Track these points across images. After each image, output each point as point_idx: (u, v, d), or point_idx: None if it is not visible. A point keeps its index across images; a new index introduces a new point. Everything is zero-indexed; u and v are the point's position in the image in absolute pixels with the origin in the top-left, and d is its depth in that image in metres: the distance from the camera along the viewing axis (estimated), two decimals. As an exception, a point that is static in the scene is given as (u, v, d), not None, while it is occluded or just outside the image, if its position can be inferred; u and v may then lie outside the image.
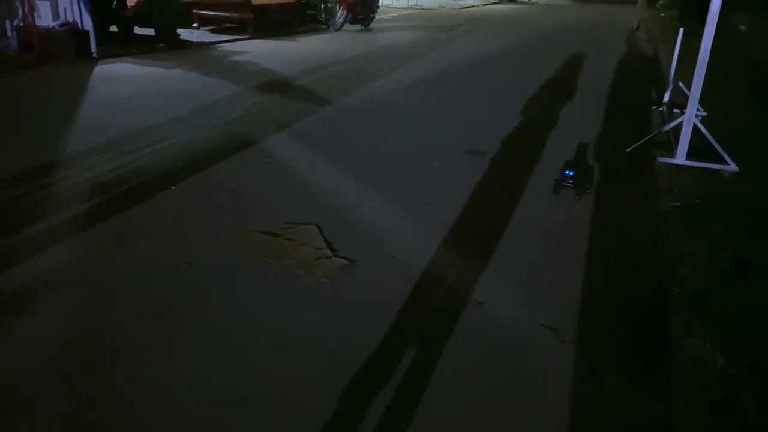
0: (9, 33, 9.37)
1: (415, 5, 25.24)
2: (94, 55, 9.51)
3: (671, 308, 3.06)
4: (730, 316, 3.00)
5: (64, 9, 9.47)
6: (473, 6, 27.58)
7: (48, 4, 9.42)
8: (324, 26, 15.54)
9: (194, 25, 13.23)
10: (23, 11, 9.31)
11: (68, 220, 3.87)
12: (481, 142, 5.87)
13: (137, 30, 11.43)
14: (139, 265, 3.34)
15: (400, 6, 24.13)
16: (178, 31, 11.61)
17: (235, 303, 3.02)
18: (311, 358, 2.63)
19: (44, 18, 9.36)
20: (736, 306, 3.08)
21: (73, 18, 9.46)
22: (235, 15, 13.61)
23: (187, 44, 11.57)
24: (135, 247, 3.54)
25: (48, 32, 9.12)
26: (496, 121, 6.79)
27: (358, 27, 15.58)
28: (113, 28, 11.22)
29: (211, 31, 13.55)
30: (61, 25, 9.30)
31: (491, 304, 3.08)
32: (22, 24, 9.29)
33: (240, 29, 13.41)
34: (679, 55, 7.05)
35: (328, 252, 3.54)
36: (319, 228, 3.82)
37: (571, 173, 4.71)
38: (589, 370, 2.60)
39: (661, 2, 23.17)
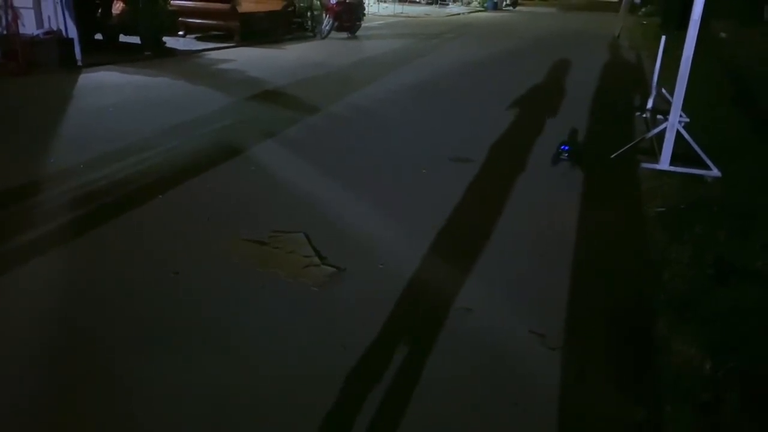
0: (-8, 41, 9.28)
1: (401, 13, 25.34)
2: (79, 63, 9.43)
3: (657, 313, 3.09)
4: (716, 320, 3.02)
5: (48, 17, 9.39)
6: (459, 14, 27.78)
7: (32, 12, 9.33)
8: (310, 34, 15.56)
9: (180, 32, 13.18)
10: (6, 19, 9.22)
11: (53, 231, 3.83)
12: (467, 149, 5.90)
13: (123, 38, 11.37)
14: (125, 275, 3.31)
15: (386, 14, 24.21)
16: (164, 38, 11.55)
17: (222, 312, 3.01)
18: (299, 366, 2.62)
19: (28, 26, 9.26)
20: (721, 310, 3.11)
21: (58, 26, 9.38)
22: (221, 23, 13.56)
23: (173, 52, 11.52)
24: (121, 257, 3.52)
25: (32, 40, 9.04)
26: (482, 129, 6.84)
27: (344, 35, 15.61)
28: (98, 36, 11.16)
29: (197, 38, 13.51)
30: (46, 33, 9.22)
31: (479, 310, 3.10)
32: (5, 32, 9.20)
33: (226, 37, 13.38)
34: (661, 62, 7.15)
35: (316, 260, 3.53)
36: (306, 236, 3.82)
37: (567, 147, 5.61)
38: (577, 376, 2.62)
39: (642, 10, 23.48)
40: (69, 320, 2.90)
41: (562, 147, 5.62)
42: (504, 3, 32.88)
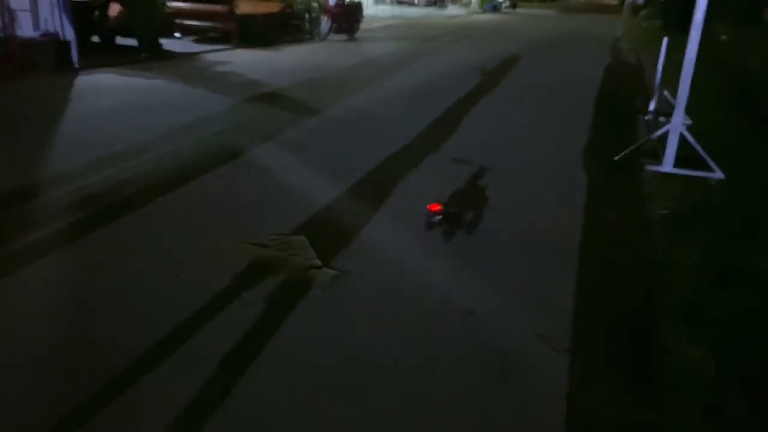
0: (-13, 43, 9.22)
1: (400, 15, 25.35)
2: (76, 65, 9.38)
3: (661, 316, 3.05)
4: (720, 322, 3.00)
5: (45, 19, 9.32)
6: (458, 16, 27.80)
7: (29, 14, 9.27)
8: (309, 36, 15.53)
9: (177, 34, 13.13)
10: (3, 21, 9.16)
11: (53, 234, 3.77)
12: (467, 150, 5.86)
13: (119, 40, 11.32)
14: (125, 277, 3.25)
15: (384, 16, 24.22)
16: (161, 41, 11.51)
17: (223, 315, 2.95)
18: (302, 369, 2.57)
19: (25, 28, 9.20)
20: (725, 313, 3.08)
21: (55, 28, 9.32)
22: (218, 25, 13.53)
23: (170, 54, 11.47)
24: (121, 259, 3.46)
25: (29, 43, 8.98)
26: (482, 130, 6.81)
27: (343, 37, 15.60)
28: (95, 39, 11.10)
29: (195, 41, 13.47)
30: (42, 35, 9.17)
31: (483, 313, 3.05)
32: (1, 34, 9.14)
33: (224, 39, 13.33)
34: (663, 64, 7.12)
35: (318, 262, 3.48)
36: (308, 239, 3.76)
37: (439, 212, 4.10)
38: (582, 379, 2.57)
39: (643, 12, 23.51)
40: (68, 321, 2.84)
41: (434, 212, 4.10)
42: (503, 5, 32.93)
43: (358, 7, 16.44)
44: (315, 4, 15.97)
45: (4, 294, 3.08)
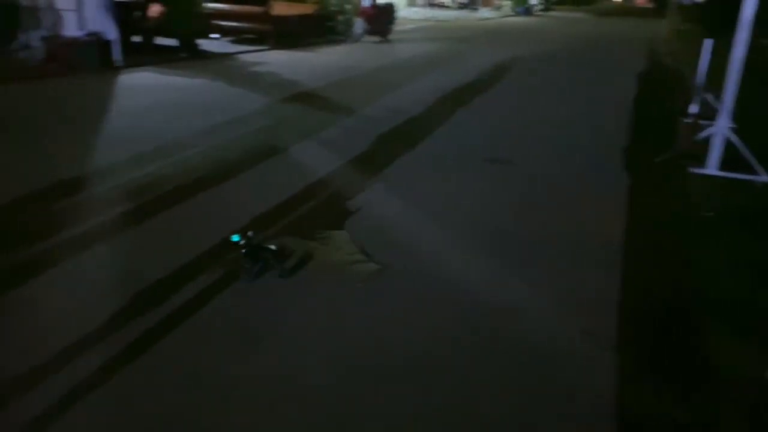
0: (35, 43, 9.50)
1: (432, 17, 25.35)
2: (118, 64, 9.60)
3: (708, 315, 3.03)
4: (765, 323, 2.99)
5: (90, 19, 9.57)
6: (490, 18, 27.68)
7: (74, 14, 9.53)
8: (342, 38, 15.63)
9: (214, 35, 13.34)
10: (50, 22, 9.45)
11: (97, 227, 3.87)
12: (505, 151, 5.85)
13: (159, 40, 11.55)
14: (167, 270, 3.31)
15: (416, 18, 24.24)
16: (199, 41, 11.71)
17: (267, 306, 3.00)
18: (340, 361, 2.59)
19: (70, 28, 9.47)
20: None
21: (98, 28, 9.56)
22: (255, 26, 13.71)
23: (207, 54, 11.67)
24: (164, 252, 3.52)
25: (74, 42, 9.23)
26: (515, 130, 6.78)
27: (376, 38, 15.66)
28: (136, 39, 11.34)
29: (231, 41, 13.67)
30: (87, 34, 9.41)
31: (527, 310, 3.04)
32: (48, 34, 9.42)
33: (259, 40, 13.50)
34: (705, 67, 6.99)
35: (361, 257, 3.51)
36: (349, 234, 3.80)
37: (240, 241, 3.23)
38: (629, 377, 2.55)
39: (683, 15, 23.09)
40: (116, 306, 2.91)
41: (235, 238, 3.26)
42: (536, 8, 32.67)
43: (391, 9, 16.50)
44: (349, 6, 16.09)
45: (53, 281, 3.18)
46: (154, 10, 11.19)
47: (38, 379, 2.40)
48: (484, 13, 30.67)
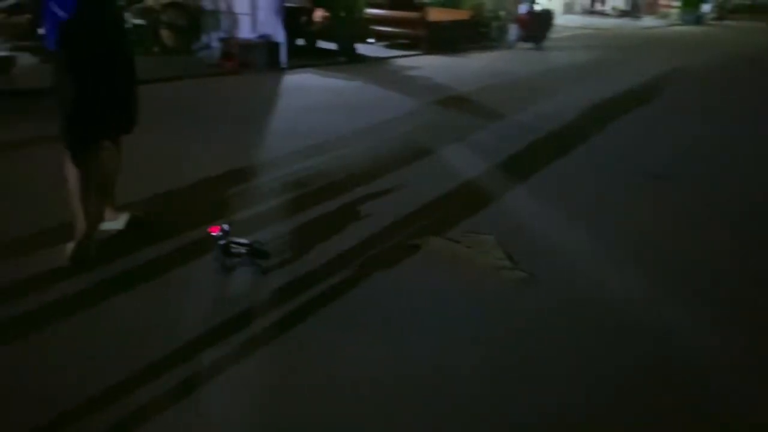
0: (214, 43, 10.48)
1: (590, 25, 24.34)
2: (283, 65, 10.29)
3: None
4: None
5: (262, 23, 10.37)
6: (654, 27, 26.02)
7: (249, 18, 10.37)
8: (495, 44, 15.51)
9: (370, 40, 13.84)
10: (227, 24, 10.39)
11: (268, 210, 4.19)
12: (671, 166, 5.49)
13: (320, 44, 12.21)
14: (324, 257, 3.48)
15: (573, 26, 23.40)
16: (356, 45, 12.22)
17: (409, 303, 3.06)
18: (484, 358, 2.59)
19: (244, 31, 10.32)
20: None
21: (268, 31, 10.32)
22: (409, 31, 14.02)
23: (364, 58, 12.12)
24: (322, 239, 3.71)
25: (247, 43, 10.04)
26: (680, 141, 6.32)
27: (529, 45, 15.36)
28: (299, 41, 12.08)
29: (385, 46, 14.09)
30: (258, 37, 10.19)
31: (681, 329, 2.85)
32: (225, 36, 10.35)
33: (413, 45, 13.78)
34: None
35: (508, 263, 3.48)
36: (498, 239, 3.77)
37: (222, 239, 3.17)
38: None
39: None
40: (269, 287, 3.13)
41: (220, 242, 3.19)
42: (707, 16, 30.13)
43: (549, 16, 16.09)
44: (502, 13, 15.94)
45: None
46: (319, 15, 11.87)
47: (207, 343, 2.66)
48: (648, 21, 28.87)
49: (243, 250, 3.19)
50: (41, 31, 8.81)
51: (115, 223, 3.67)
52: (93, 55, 3.22)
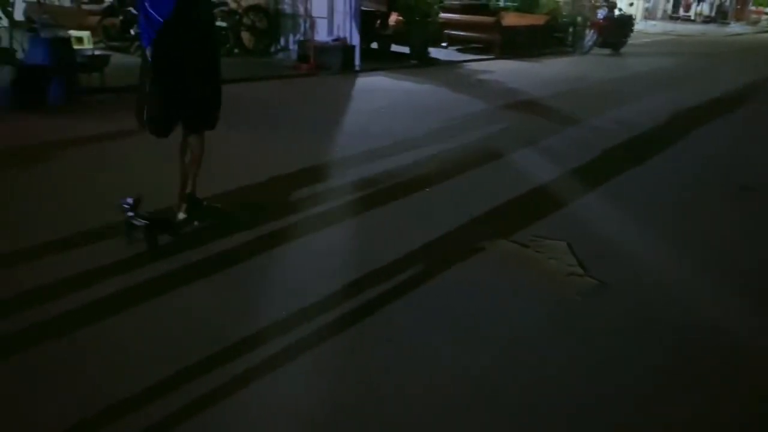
0: (291, 46, 10.79)
1: (672, 31, 23.45)
2: (357, 68, 10.47)
3: None
4: None
5: (338, 26, 10.60)
6: (742, 34, 24.79)
7: (325, 21, 10.63)
8: (570, 49, 15.22)
9: (443, 44, 13.87)
10: (305, 27, 10.68)
11: (339, 207, 4.30)
12: (758, 176, 5.26)
13: (393, 47, 12.35)
14: (392, 256, 3.51)
15: (654, 31, 22.62)
16: (429, 49, 12.27)
17: (475, 304, 3.07)
18: (554, 368, 2.58)
19: (321, 34, 10.58)
20: None
21: (344, 34, 10.54)
22: (483, 35, 13.97)
23: (436, 62, 12.17)
24: (389, 238, 3.78)
25: (323, 46, 10.28)
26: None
27: (606, 51, 14.99)
28: (373, 45, 12.26)
29: (458, 50, 14.08)
30: (334, 40, 10.42)
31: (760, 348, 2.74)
32: (302, 38, 10.64)
33: (486, 49, 13.72)
34: None
35: (579, 270, 3.43)
36: (569, 245, 3.73)
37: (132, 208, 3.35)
38: None
39: None
40: (344, 279, 3.21)
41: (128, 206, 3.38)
42: (802, 22, 28.43)
43: (629, 21, 15.67)
44: (580, 18, 15.63)
45: (299, 251, 3.60)
46: (393, 19, 12.02)
47: (281, 330, 2.76)
48: (736, 27, 27.53)
49: (141, 223, 3.34)
50: (132, 32, 9.49)
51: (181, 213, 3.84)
52: (183, 55, 3.42)
